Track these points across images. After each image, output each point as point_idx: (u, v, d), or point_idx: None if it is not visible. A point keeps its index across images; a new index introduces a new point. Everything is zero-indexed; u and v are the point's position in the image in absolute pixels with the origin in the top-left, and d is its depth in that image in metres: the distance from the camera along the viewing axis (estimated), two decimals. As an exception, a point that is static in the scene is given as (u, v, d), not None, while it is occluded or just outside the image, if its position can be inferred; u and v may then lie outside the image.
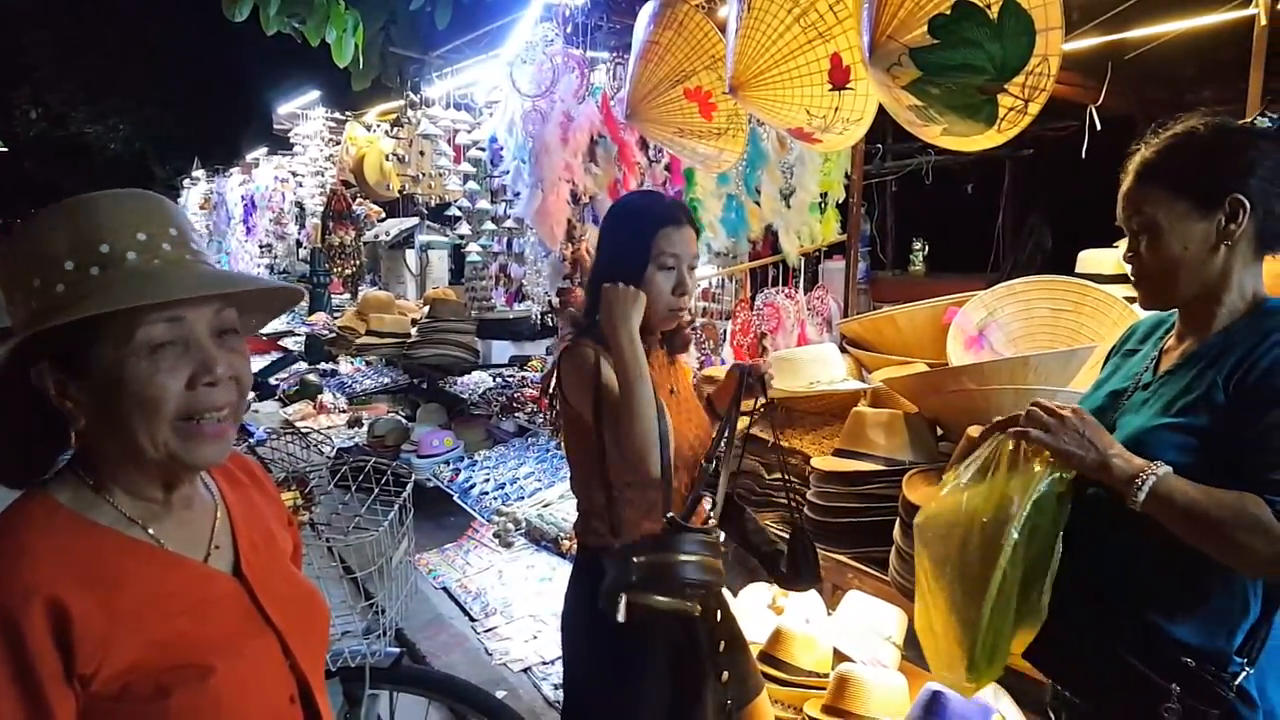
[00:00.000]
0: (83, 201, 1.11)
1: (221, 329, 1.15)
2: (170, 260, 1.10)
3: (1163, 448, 1.49)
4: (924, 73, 2.04)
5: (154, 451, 1.10)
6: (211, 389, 1.11)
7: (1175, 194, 1.52)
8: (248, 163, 10.12)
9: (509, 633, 4.21)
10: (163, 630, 1.10)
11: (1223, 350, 1.52)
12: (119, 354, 1.06)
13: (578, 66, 3.44)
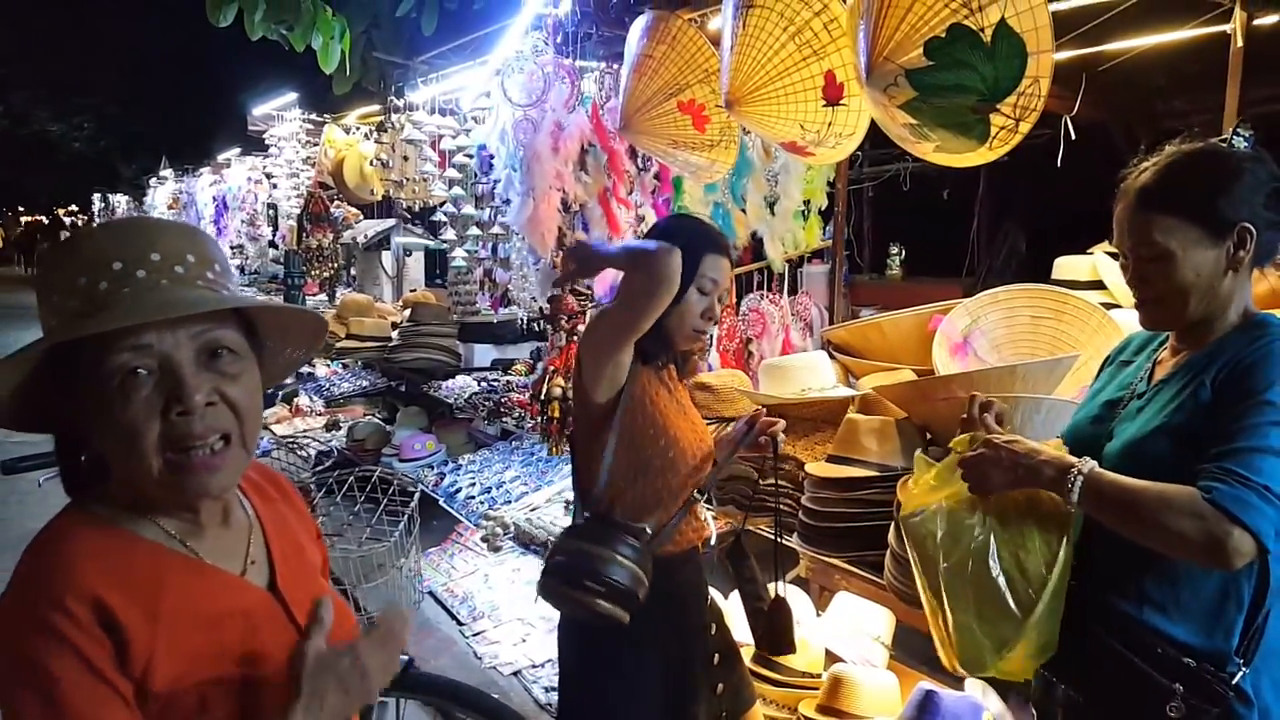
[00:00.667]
0: (82, 231, 1.14)
1: (211, 349, 1.11)
2: (143, 287, 1.07)
3: (1158, 450, 1.57)
4: (919, 93, 2.10)
5: (150, 482, 1.08)
6: (188, 417, 1.07)
7: (1188, 222, 1.57)
8: (219, 163, 10.04)
9: (497, 636, 4.23)
10: (204, 641, 1.11)
11: (1213, 358, 1.60)
12: (96, 384, 1.06)
13: (568, 76, 3.47)
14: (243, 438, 1.14)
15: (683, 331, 2.16)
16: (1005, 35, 2.01)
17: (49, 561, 1.06)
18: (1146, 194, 1.61)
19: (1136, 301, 1.68)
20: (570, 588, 1.95)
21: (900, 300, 5.53)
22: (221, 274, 1.16)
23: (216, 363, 1.11)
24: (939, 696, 2.49)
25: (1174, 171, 1.61)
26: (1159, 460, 1.55)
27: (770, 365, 3.15)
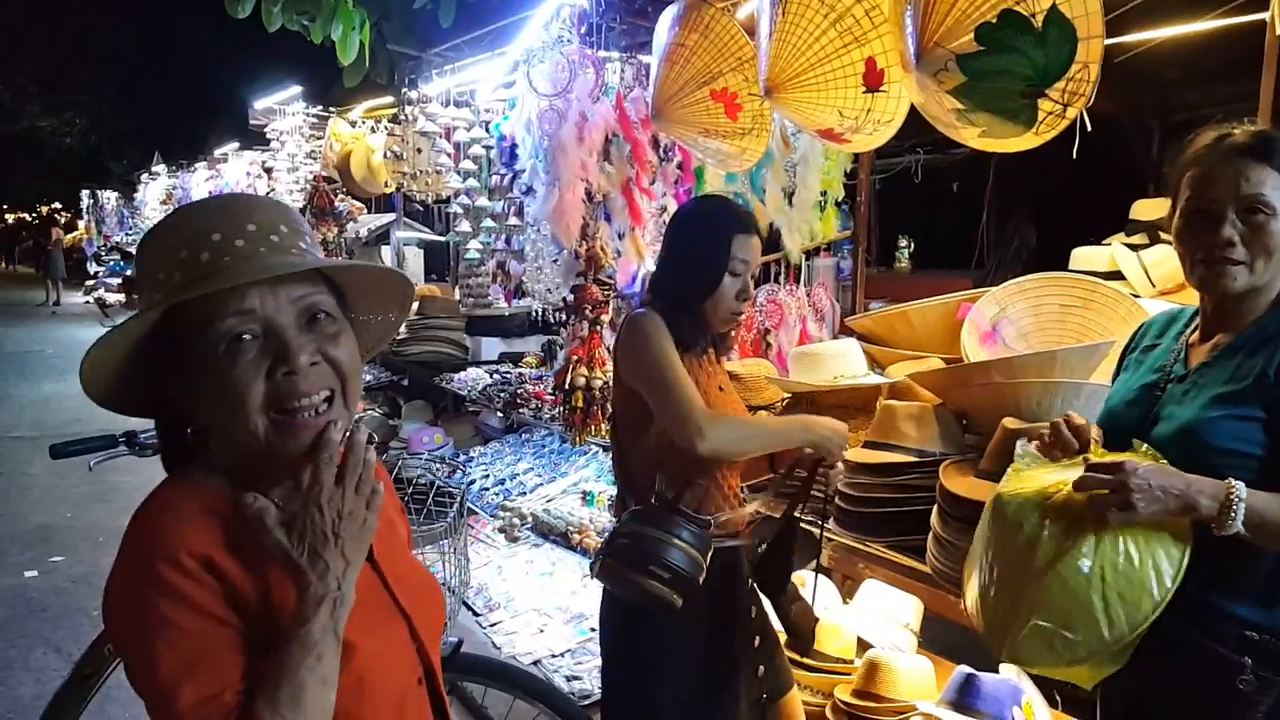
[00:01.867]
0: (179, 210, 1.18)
1: (311, 313, 1.13)
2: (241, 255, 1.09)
3: (1219, 437, 1.58)
4: (969, 78, 2.11)
5: (255, 442, 1.10)
6: (293, 377, 1.09)
7: None
8: (215, 158, 9.99)
9: (514, 627, 4.24)
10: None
11: (1260, 341, 1.60)
12: (202, 350, 1.08)
13: (593, 66, 3.48)
14: (345, 395, 1.15)
15: (719, 315, 2.19)
16: (1056, 20, 2.02)
17: (157, 525, 1.08)
18: (1260, 150, 1.59)
19: (1213, 260, 1.62)
20: (633, 570, 1.96)
21: (910, 293, 5.54)
22: (311, 245, 1.18)
23: (316, 325, 1.13)
24: (979, 679, 2.50)
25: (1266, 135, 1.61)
26: (1226, 443, 1.56)
27: (801, 353, 3.16)
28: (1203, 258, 1.63)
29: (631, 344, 2.13)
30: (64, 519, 6.19)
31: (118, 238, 21.84)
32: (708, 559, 2.01)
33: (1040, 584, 1.61)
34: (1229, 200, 1.59)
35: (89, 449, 2.41)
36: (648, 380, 2.08)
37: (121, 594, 1.07)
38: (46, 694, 3.68)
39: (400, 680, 1.23)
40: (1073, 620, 1.57)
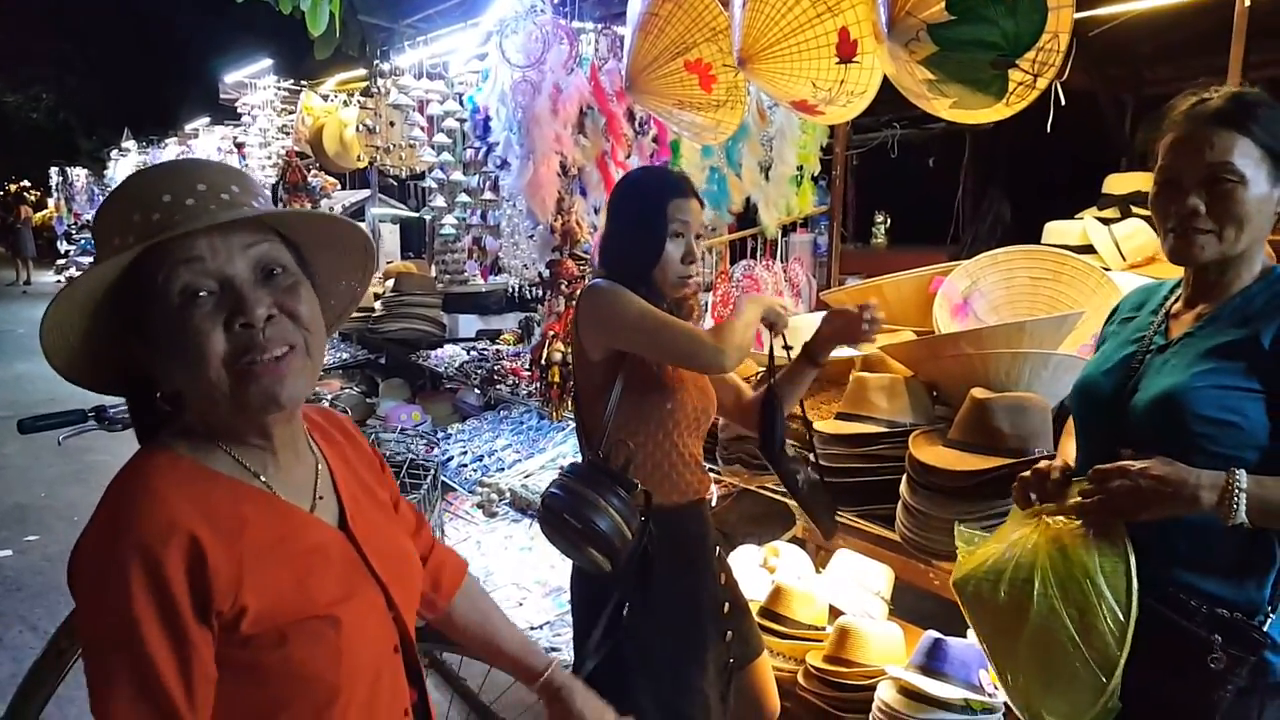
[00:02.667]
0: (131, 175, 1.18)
1: (266, 267, 1.12)
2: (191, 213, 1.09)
3: (1203, 404, 1.55)
4: (940, 48, 2.13)
5: (219, 396, 1.10)
6: (251, 330, 1.09)
7: (1262, 150, 1.55)
8: (186, 133, 9.86)
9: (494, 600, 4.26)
10: (282, 578, 1.12)
11: (1246, 311, 1.58)
12: (161, 309, 1.08)
13: (566, 37, 3.45)
14: (307, 347, 1.15)
15: (669, 281, 2.21)
16: (1026, -10, 2.03)
17: (134, 498, 1.07)
18: (1230, 115, 1.56)
19: (1183, 230, 1.61)
20: (553, 521, 2.02)
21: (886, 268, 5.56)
22: (265, 204, 1.17)
23: (272, 280, 1.12)
24: (946, 644, 2.54)
25: (1258, 102, 1.58)
26: (1210, 411, 1.54)
27: (775, 326, 3.17)
28: (1172, 226, 1.62)
29: (601, 310, 2.14)
30: (39, 498, 6.16)
31: (88, 215, 21.54)
32: (633, 528, 2.04)
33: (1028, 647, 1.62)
34: (1196, 168, 1.58)
35: (58, 424, 2.39)
36: (637, 333, 2.10)
37: (91, 571, 1.05)
38: (23, 672, 3.69)
39: (376, 649, 1.24)
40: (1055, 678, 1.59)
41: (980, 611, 1.75)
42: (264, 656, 1.09)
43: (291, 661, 1.11)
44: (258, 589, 1.08)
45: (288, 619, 1.11)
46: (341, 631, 1.15)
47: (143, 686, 1.01)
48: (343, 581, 1.20)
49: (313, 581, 1.15)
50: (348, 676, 1.16)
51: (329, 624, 1.14)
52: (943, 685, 2.45)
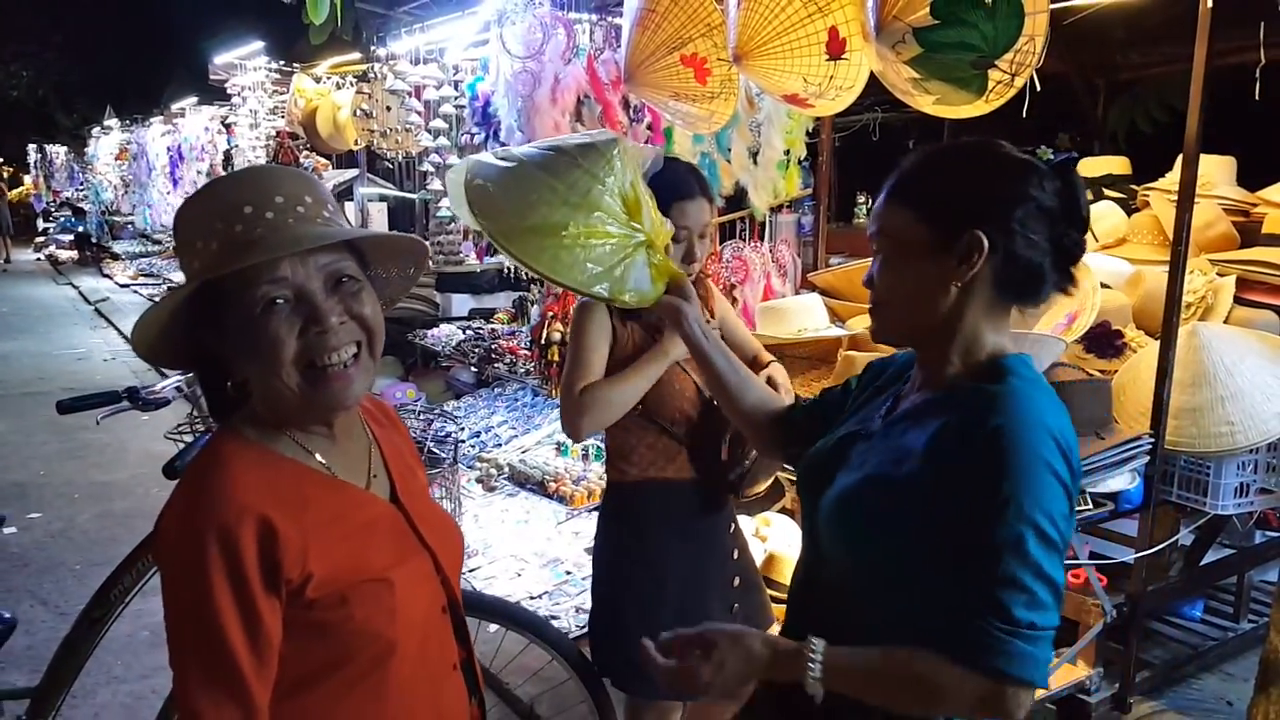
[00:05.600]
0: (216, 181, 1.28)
1: (336, 278, 1.23)
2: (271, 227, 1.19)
3: (865, 512, 1.33)
4: (925, 49, 2.27)
5: (290, 394, 1.21)
6: (324, 335, 1.20)
7: (917, 218, 1.32)
8: (172, 112, 9.86)
9: (492, 572, 4.42)
10: (342, 548, 1.24)
11: (945, 408, 1.30)
12: (240, 314, 1.19)
13: (564, 29, 3.58)
14: (370, 347, 1.27)
15: None
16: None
17: (211, 483, 1.19)
18: (894, 182, 1.37)
19: (869, 305, 1.43)
20: None
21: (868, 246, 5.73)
22: (335, 212, 1.28)
23: (341, 288, 1.24)
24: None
25: (922, 161, 1.38)
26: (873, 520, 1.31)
27: (767, 307, 3.34)
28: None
29: (572, 319, 2.29)
30: (37, 476, 6.24)
31: (68, 193, 21.34)
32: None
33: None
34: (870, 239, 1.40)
35: (95, 404, 2.52)
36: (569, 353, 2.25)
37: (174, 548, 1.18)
38: (36, 644, 3.81)
39: (426, 609, 1.37)
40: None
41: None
42: (328, 615, 1.22)
43: (353, 620, 1.24)
44: (321, 557, 1.21)
45: (347, 582, 1.23)
46: (395, 592, 1.28)
47: (215, 653, 1.14)
48: (395, 549, 1.33)
49: (369, 549, 1.28)
50: (403, 632, 1.29)
51: (384, 586, 1.27)
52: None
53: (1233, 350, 2.86)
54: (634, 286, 1.63)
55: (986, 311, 1.31)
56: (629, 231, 1.60)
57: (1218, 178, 3.97)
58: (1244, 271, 3.40)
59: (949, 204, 1.31)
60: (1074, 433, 1.25)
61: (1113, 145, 5.58)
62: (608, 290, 1.64)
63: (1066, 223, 1.31)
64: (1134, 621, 2.87)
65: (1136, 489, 2.75)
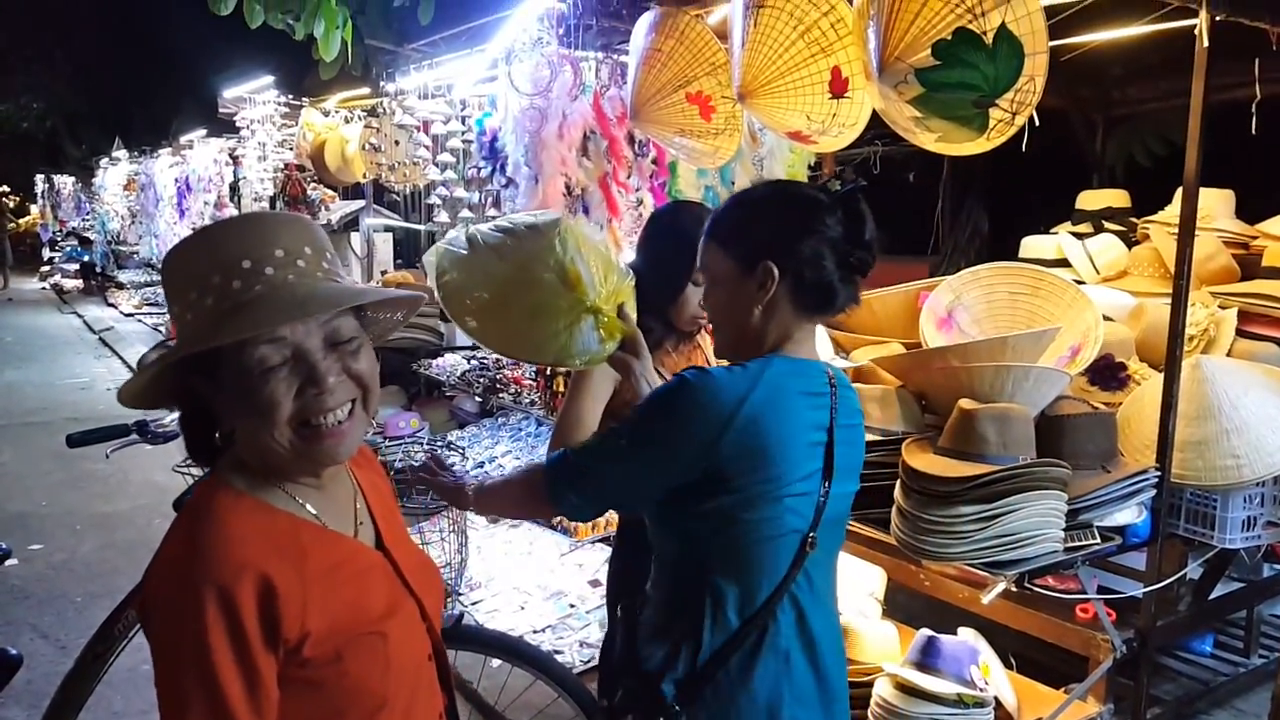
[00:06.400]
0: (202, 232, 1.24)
1: (334, 341, 1.21)
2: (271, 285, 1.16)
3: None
4: (926, 89, 2.31)
5: (282, 450, 1.20)
6: (321, 396, 1.19)
7: (725, 254, 1.62)
8: (180, 144, 9.96)
9: (496, 605, 4.42)
10: (338, 602, 1.22)
11: None
12: (236, 371, 1.16)
13: (571, 66, 3.63)
14: (365, 404, 1.26)
15: (683, 318, 2.34)
16: (1005, 38, 2.23)
17: (211, 537, 1.16)
18: (707, 225, 1.69)
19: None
20: None
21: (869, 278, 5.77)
22: (333, 260, 1.25)
23: (340, 346, 1.22)
24: (940, 641, 2.72)
25: (728, 207, 1.70)
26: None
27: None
28: None
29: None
30: (39, 506, 6.24)
31: (74, 223, 21.50)
32: None
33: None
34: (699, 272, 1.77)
35: (104, 438, 2.54)
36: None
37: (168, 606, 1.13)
38: (36, 679, 3.78)
39: (416, 658, 1.35)
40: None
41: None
42: (322, 672, 1.19)
43: (348, 675, 1.21)
44: (319, 614, 1.18)
45: (344, 637, 1.21)
46: (389, 644, 1.27)
47: (215, 715, 1.09)
48: (387, 598, 1.31)
49: (363, 601, 1.26)
50: (394, 685, 1.28)
51: (379, 639, 1.25)
52: (937, 680, 2.62)
53: (1237, 383, 2.87)
54: (581, 349, 1.82)
55: (788, 325, 1.60)
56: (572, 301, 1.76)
57: (1217, 211, 4.00)
58: (1245, 304, 3.42)
59: (746, 241, 1.59)
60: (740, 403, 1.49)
61: (1111, 179, 5.63)
62: (554, 357, 1.83)
63: (852, 245, 1.58)
64: (1144, 656, 2.86)
65: (1144, 523, 2.75)
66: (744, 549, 1.54)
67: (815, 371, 1.62)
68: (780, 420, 1.51)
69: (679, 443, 1.51)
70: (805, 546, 1.54)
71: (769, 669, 1.54)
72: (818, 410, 1.57)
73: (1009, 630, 2.97)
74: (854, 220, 1.59)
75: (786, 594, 1.54)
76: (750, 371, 1.53)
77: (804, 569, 1.55)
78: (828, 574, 1.66)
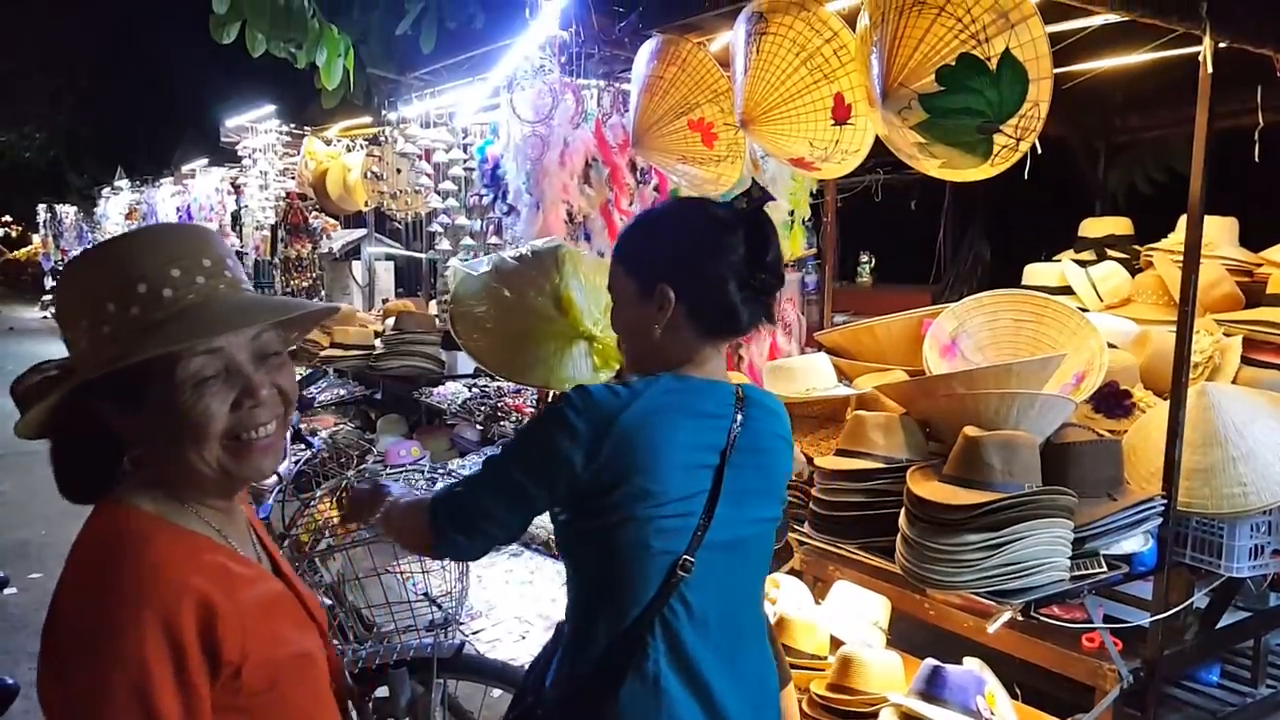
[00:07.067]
0: (120, 240, 1.18)
1: (263, 353, 1.19)
2: (204, 293, 1.13)
3: None
4: (930, 115, 2.31)
5: (208, 469, 1.16)
6: (256, 410, 1.17)
7: (627, 274, 1.62)
8: (182, 173, 10.01)
9: (496, 634, 4.36)
10: (267, 626, 1.17)
11: None
12: (166, 387, 1.12)
13: (573, 94, 3.65)
14: (285, 418, 1.24)
15: None
16: (1009, 64, 2.23)
17: (141, 561, 1.09)
18: (616, 243, 1.71)
19: None
20: None
21: (872, 305, 5.76)
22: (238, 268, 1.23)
23: (268, 359, 1.21)
24: (945, 671, 2.69)
25: (632, 227, 1.70)
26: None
27: (775, 367, 3.35)
28: None
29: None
30: (39, 535, 6.21)
31: (76, 252, 21.54)
32: None
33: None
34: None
35: None
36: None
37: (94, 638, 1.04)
38: (33, 708, 3.74)
39: (327, 683, 1.33)
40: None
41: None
42: (258, 700, 1.15)
43: (283, 701, 1.18)
44: (255, 637, 1.13)
45: (277, 661, 1.17)
46: (316, 666, 1.25)
47: None
48: (299, 625, 1.28)
49: (283, 627, 1.22)
50: (324, 707, 1.27)
51: (308, 661, 1.24)
52: (943, 711, 2.59)
53: (1243, 410, 2.85)
54: (570, 375, 1.86)
55: (690, 345, 1.58)
56: (564, 327, 1.78)
57: (1221, 238, 4.00)
58: (1250, 331, 3.41)
59: (644, 263, 1.59)
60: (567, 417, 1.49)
61: (1113, 206, 5.64)
62: (543, 380, 1.83)
63: (753, 266, 1.55)
64: (1151, 687, 2.82)
65: (1150, 551, 2.72)
66: (612, 568, 1.52)
67: (716, 392, 1.59)
68: (655, 439, 1.48)
69: (559, 460, 1.49)
70: (676, 570, 1.49)
71: (635, 694, 1.49)
72: (710, 432, 1.54)
73: (1015, 660, 2.94)
74: (756, 240, 1.57)
75: (657, 618, 1.49)
76: (632, 390, 1.51)
77: (679, 595, 1.50)
78: (728, 602, 1.58)
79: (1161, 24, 2.55)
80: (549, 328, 1.76)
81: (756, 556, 1.67)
